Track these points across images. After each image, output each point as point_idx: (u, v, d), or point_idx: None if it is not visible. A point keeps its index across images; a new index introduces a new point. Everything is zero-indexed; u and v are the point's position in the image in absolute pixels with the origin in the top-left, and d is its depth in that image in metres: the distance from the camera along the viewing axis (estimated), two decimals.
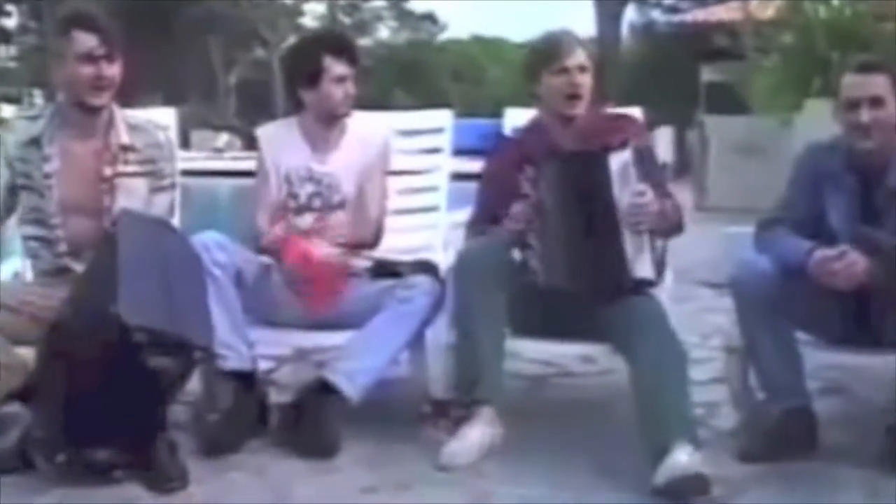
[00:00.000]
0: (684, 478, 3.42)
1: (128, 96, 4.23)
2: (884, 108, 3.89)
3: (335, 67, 4.32)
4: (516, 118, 4.88)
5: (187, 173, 5.58)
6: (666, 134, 22.91)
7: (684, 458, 3.46)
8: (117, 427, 3.47)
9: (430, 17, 62.29)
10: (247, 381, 4.04)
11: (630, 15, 43.70)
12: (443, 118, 5.16)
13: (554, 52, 4.22)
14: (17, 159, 4.03)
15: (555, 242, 3.94)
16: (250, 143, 5.70)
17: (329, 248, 4.21)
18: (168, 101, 35.79)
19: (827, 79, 10.30)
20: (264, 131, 4.54)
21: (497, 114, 5.34)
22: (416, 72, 56.41)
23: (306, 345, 4.62)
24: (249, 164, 4.56)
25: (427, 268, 4.22)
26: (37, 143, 4.03)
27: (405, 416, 4.23)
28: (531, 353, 4.70)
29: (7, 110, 9.63)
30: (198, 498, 3.51)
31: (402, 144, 4.92)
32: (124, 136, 4.08)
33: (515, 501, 3.55)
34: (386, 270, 4.26)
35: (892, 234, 3.84)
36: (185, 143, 32.12)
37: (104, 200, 4.02)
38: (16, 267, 4.33)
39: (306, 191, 4.34)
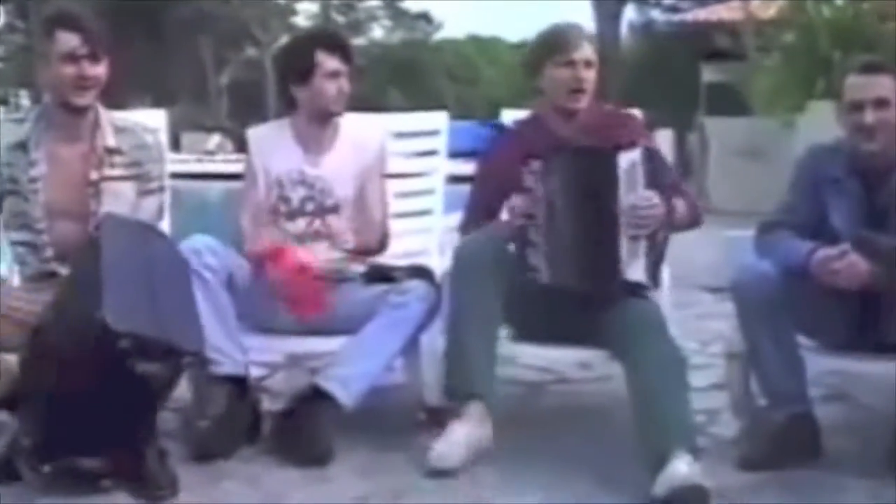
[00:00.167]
0: (684, 489, 3.41)
1: (117, 98, 4.23)
2: (888, 109, 3.89)
3: (328, 63, 4.32)
4: (512, 118, 4.88)
5: (177, 176, 5.58)
6: (666, 136, 22.89)
7: (684, 468, 3.45)
8: (105, 435, 3.47)
9: (425, 17, 62.32)
10: (240, 387, 4.03)
11: (629, 14, 43.71)
12: (438, 120, 5.17)
13: (561, 44, 4.24)
14: (2, 164, 4.02)
15: (562, 239, 3.94)
16: (242, 146, 5.76)
17: (326, 256, 4.22)
18: (158, 102, 35.81)
19: (830, 79, 10.32)
20: (255, 133, 4.53)
21: (493, 115, 5.35)
22: (411, 72, 56.45)
23: (299, 351, 4.62)
24: (241, 167, 4.55)
25: (422, 273, 4.22)
26: (23, 147, 4.03)
27: (400, 424, 4.23)
28: (527, 358, 4.71)
29: None
30: None
31: (396, 147, 4.92)
32: (110, 139, 4.08)
33: None
34: (380, 275, 4.26)
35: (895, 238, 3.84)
36: (175, 146, 32.15)
37: (90, 205, 4.01)
38: (1, 272, 4.32)
39: (298, 195, 4.33)
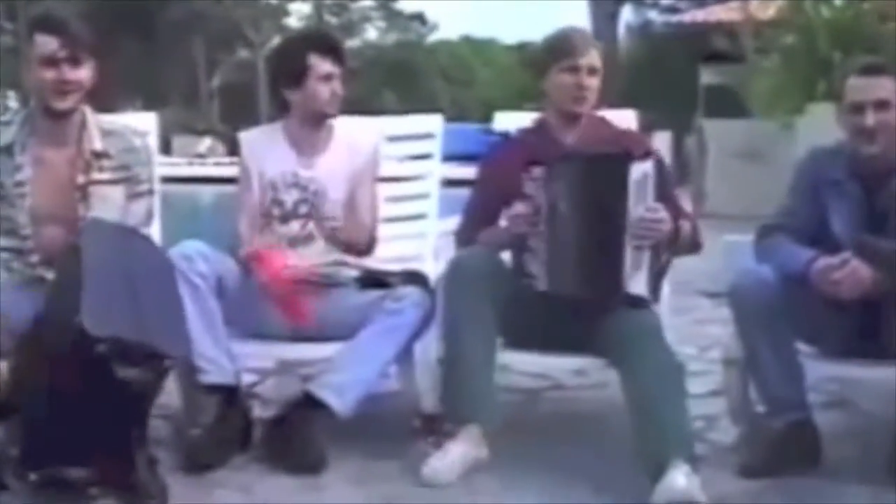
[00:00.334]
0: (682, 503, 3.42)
1: (107, 100, 4.22)
2: (889, 111, 3.89)
3: (321, 65, 4.32)
4: (507, 122, 4.89)
5: (168, 180, 5.58)
6: (663, 138, 22.91)
7: (682, 481, 3.45)
8: (93, 443, 3.46)
9: (420, 18, 62.34)
10: (230, 395, 4.03)
11: (626, 15, 43.73)
12: (432, 123, 5.17)
13: (567, 48, 4.25)
14: None
15: (564, 246, 3.95)
16: (234, 149, 5.77)
17: (319, 259, 4.22)
18: (148, 104, 35.83)
19: (829, 81, 10.33)
20: (247, 136, 4.52)
21: (488, 118, 5.36)
22: (405, 74, 56.45)
23: (291, 357, 4.62)
24: (233, 171, 4.56)
25: (416, 279, 4.22)
26: (8, 151, 4.02)
27: (394, 432, 4.23)
28: (523, 365, 4.70)
29: None
30: None
31: (390, 150, 4.92)
32: (97, 142, 4.07)
33: None
34: (374, 281, 4.26)
35: None
36: (165, 149, 32.17)
37: (78, 209, 4.00)
38: None
39: (292, 197, 4.33)
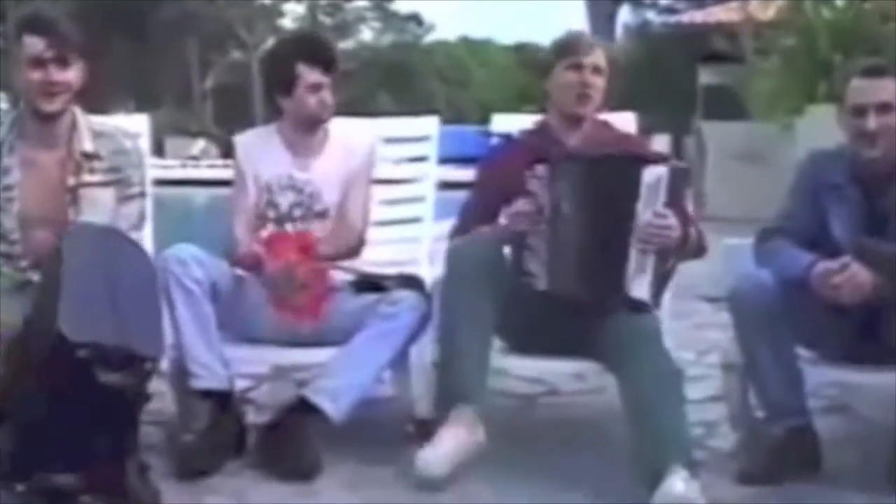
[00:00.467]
0: None
1: (99, 102, 4.21)
2: (891, 114, 3.89)
3: (309, 76, 4.32)
4: (505, 124, 4.90)
5: (161, 182, 5.58)
6: (662, 141, 22.92)
7: (681, 486, 3.45)
8: (82, 450, 3.45)
9: (416, 18, 62.36)
10: (224, 400, 4.03)
11: (624, 16, 43.77)
12: (429, 125, 5.17)
13: (570, 47, 4.29)
14: None
15: (567, 246, 3.95)
16: (227, 151, 5.70)
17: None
18: (141, 106, 35.79)
19: (830, 83, 10.33)
20: (242, 139, 4.54)
21: (485, 120, 5.35)
22: (401, 75, 56.49)
23: (285, 362, 4.62)
24: (227, 173, 4.56)
25: (412, 282, 4.22)
26: None
27: (388, 437, 4.23)
28: (518, 369, 4.70)
29: None
30: None
31: (385, 152, 4.92)
32: (87, 144, 4.06)
33: None
34: (369, 285, 4.27)
35: None
36: (158, 151, 32.16)
37: (68, 212, 3.99)
38: None
39: (287, 200, 4.34)
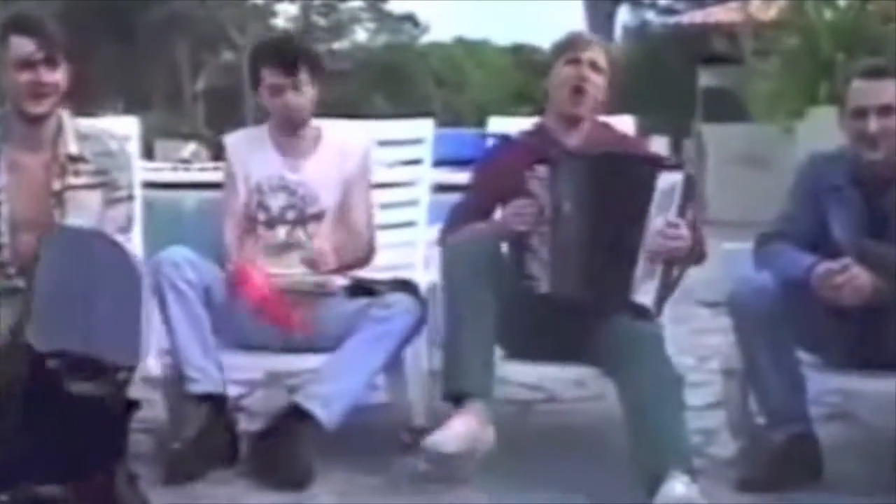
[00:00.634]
0: None
1: (88, 104, 4.21)
2: (892, 117, 3.88)
3: (269, 78, 4.32)
4: (501, 127, 4.90)
5: (151, 185, 5.58)
6: (661, 143, 22.97)
7: (680, 489, 3.45)
8: (67, 460, 3.44)
9: (411, 19, 62.39)
10: (216, 406, 4.02)
11: (623, 16, 43.86)
12: (423, 128, 5.17)
13: (570, 43, 4.33)
14: None
15: (568, 249, 3.96)
16: (218, 153, 5.76)
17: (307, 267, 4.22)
18: (130, 108, 35.81)
19: (832, 84, 10.35)
20: (232, 140, 4.53)
21: (481, 122, 5.36)
22: (396, 76, 56.48)
23: (278, 368, 4.62)
24: (218, 176, 4.56)
25: (406, 286, 4.22)
26: None
27: (383, 445, 4.22)
28: (517, 376, 4.70)
29: None
30: None
31: (380, 155, 4.92)
32: (73, 146, 4.05)
33: None
34: (363, 290, 4.27)
35: None
36: (148, 154, 32.15)
37: (55, 216, 3.99)
38: None
39: (278, 202, 4.33)
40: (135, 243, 4.38)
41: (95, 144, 4.11)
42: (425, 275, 4.60)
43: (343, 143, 4.47)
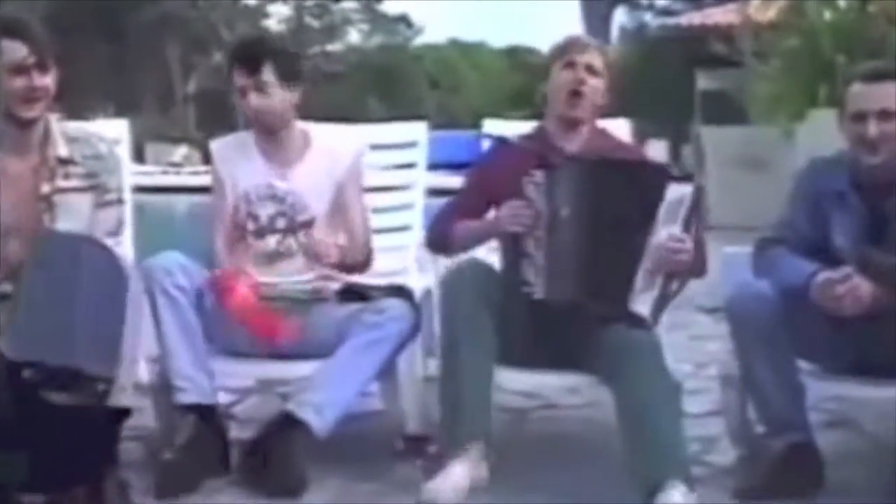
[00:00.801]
0: None
1: (77, 107, 4.21)
2: (892, 121, 3.87)
3: (236, 79, 4.30)
4: (495, 130, 4.90)
5: (141, 189, 5.58)
6: (659, 147, 23.00)
7: (678, 498, 3.46)
8: (56, 468, 3.43)
9: (405, 20, 62.24)
10: (207, 415, 4.03)
11: (620, 18, 43.87)
12: (417, 131, 5.18)
13: (566, 46, 4.35)
14: None
15: (565, 254, 3.96)
16: (210, 157, 5.72)
17: (299, 276, 4.21)
18: (120, 111, 35.75)
19: (832, 86, 10.34)
20: (217, 146, 4.50)
21: (476, 125, 5.36)
22: (390, 79, 56.39)
23: (270, 376, 4.62)
24: (209, 180, 4.54)
25: (399, 292, 4.22)
26: None
27: (376, 453, 4.23)
28: (512, 383, 4.69)
29: None
30: None
31: (373, 159, 4.92)
32: (62, 149, 4.05)
33: None
34: (356, 295, 4.26)
35: None
36: (139, 157, 32.12)
37: (43, 220, 3.99)
38: None
39: (267, 211, 4.31)
40: (125, 248, 4.38)
41: (85, 147, 4.11)
42: (420, 279, 4.60)
43: (333, 147, 4.44)
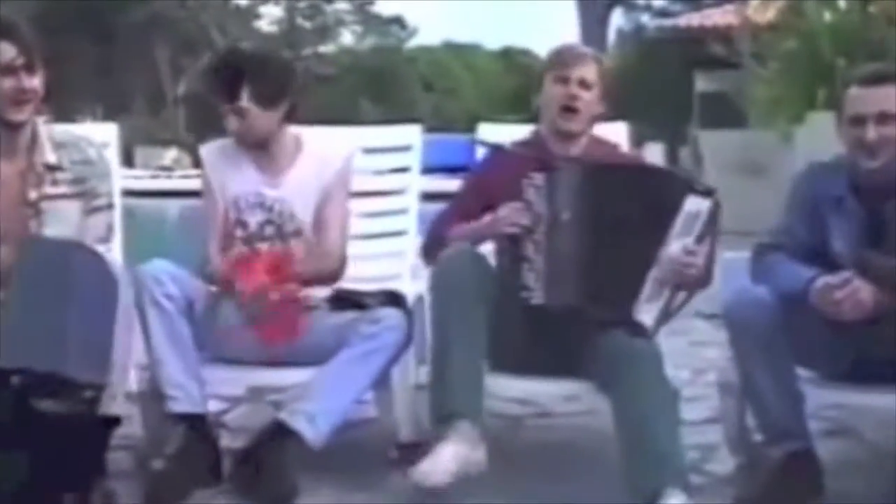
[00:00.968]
0: None
1: (64, 109, 4.21)
2: (891, 124, 3.86)
3: (214, 99, 4.30)
4: (491, 134, 4.90)
5: (130, 193, 5.58)
6: (656, 150, 22.99)
7: None
8: (38, 477, 3.42)
9: (399, 21, 62.26)
10: (198, 423, 4.02)
11: (617, 19, 43.90)
12: (411, 134, 5.18)
13: (559, 59, 4.34)
14: None
15: (565, 259, 3.97)
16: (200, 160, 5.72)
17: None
18: (109, 113, 35.74)
19: (832, 89, 10.34)
20: (207, 151, 4.48)
21: (471, 128, 5.36)
22: (384, 81, 56.41)
23: (262, 383, 4.61)
24: (200, 183, 4.53)
25: (394, 299, 4.22)
26: None
27: (370, 462, 4.23)
28: (508, 390, 4.69)
29: None
30: None
31: (366, 163, 4.92)
32: (49, 155, 4.05)
33: None
34: (349, 302, 4.26)
35: None
36: (128, 161, 32.11)
37: (31, 227, 3.98)
38: None
39: (256, 218, 4.30)
40: (114, 254, 4.37)
41: (73, 152, 4.10)
42: (413, 286, 4.60)
43: (324, 152, 4.43)
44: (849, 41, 11.79)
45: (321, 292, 4.31)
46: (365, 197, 4.85)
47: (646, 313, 3.92)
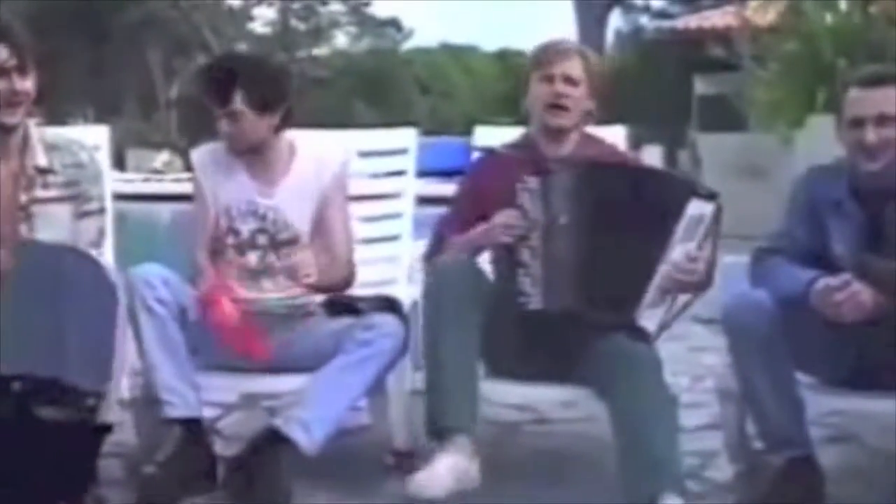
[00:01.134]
0: None
1: (56, 111, 4.21)
2: (891, 126, 3.86)
3: (207, 102, 4.29)
4: (488, 136, 4.91)
5: (122, 197, 5.57)
6: (654, 153, 22.97)
7: None
8: (28, 485, 3.42)
9: (394, 23, 62.18)
10: (192, 429, 4.02)
11: (615, 21, 43.87)
12: (406, 138, 5.18)
13: (542, 57, 4.33)
14: None
15: (564, 263, 3.97)
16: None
17: (283, 292, 4.21)
18: (100, 116, 35.70)
19: (832, 91, 10.35)
20: (198, 156, 4.46)
21: (468, 131, 5.36)
22: (379, 84, 56.34)
23: (256, 390, 4.61)
24: (192, 188, 4.53)
25: (389, 305, 4.22)
26: None
27: (365, 469, 4.23)
28: (505, 396, 4.70)
29: None
30: None
31: (361, 166, 4.93)
32: (41, 158, 4.04)
33: None
34: (344, 307, 4.26)
35: None
36: (119, 164, 32.07)
37: (22, 230, 3.98)
38: None
39: (248, 227, 4.29)
40: (106, 258, 4.38)
41: (65, 155, 4.10)
42: (409, 290, 4.60)
43: (319, 156, 4.41)
44: (849, 43, 11.79)
45: (316, 298, 4.31)
46: (360, 201, 4.84)
47: (649, 318, 3.93)
